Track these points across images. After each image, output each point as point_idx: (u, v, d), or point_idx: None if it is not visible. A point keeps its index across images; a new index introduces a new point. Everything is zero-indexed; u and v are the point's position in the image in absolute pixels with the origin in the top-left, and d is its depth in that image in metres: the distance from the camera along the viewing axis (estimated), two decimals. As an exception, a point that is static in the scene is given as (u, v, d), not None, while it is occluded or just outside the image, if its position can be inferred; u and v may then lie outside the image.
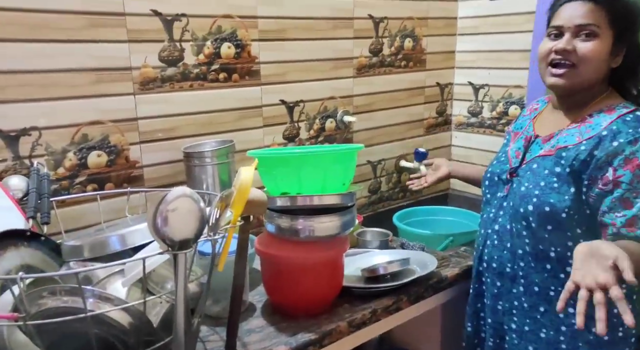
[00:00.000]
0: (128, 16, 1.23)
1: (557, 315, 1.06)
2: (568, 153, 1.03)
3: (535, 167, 1.08)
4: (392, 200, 1.99)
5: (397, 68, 1.87)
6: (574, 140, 1.03)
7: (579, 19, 1.01)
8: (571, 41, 1.02)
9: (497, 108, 1.96)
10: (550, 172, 1.04)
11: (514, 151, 1.17)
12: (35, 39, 1.12)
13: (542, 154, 1.08)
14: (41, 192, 1.06)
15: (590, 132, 1.02)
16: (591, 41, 1.01)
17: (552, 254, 1.06)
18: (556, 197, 1.02)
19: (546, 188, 1.03)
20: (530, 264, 1.09)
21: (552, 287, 1.07)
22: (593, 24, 1.01)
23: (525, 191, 1.07)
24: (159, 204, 0.72)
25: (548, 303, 1.08)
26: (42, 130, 1.16)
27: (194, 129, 1.40)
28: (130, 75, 1.26)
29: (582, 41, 1.01)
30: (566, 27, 1.03)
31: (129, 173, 1.31)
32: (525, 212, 1.06)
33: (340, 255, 1.13)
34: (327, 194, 1.06)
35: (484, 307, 1.22)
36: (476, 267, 1.23)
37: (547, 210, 1.02)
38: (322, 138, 1.71)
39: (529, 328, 1.11)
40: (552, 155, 1.06)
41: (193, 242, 0.75)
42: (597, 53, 1.01)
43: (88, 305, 0.74)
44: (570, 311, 1.05)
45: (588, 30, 1.01)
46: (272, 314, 1.12)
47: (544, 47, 1.07)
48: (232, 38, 1.42)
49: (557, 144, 1.06)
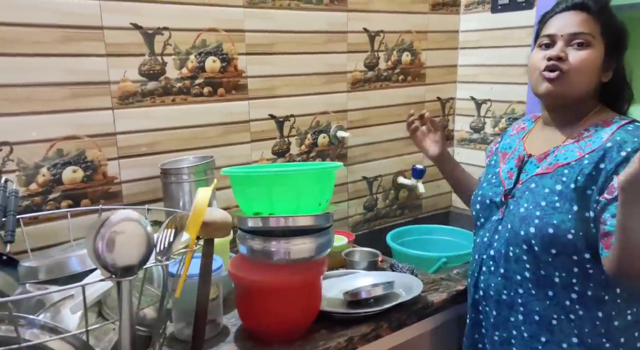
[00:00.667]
0: (106, 29, 1.21)
1: (560, 346, 1.00)
2: (571, 169, 0.98)
3: (534, 187, 1.03)
4: (389, 218, 1.92)
5: (395, 82, 1.82)
6: (574, 156, 0.99)
7: (573, 28, 0.99)
8: (564, 48, 1.00)
9: (500, 124, 1.89)
10: (551, 191, 0.99)
11: (506, 172, 1.12)
12: (7, 53, 1.10)
13: (540, 172, 1.03)
14: (7, 210, 1.03)
15: (591, 146, 0.98)
16: (584, 50, 0.99)
17: (556, 280, 0.99)
18: (559, 217, 0.96)
19: (548, 208, 0.98)
20: (531, 291, 1.02)
21: (555, 315, 1.00)
22: (587, 33, 0.98)
23: (525, 212, 1.01)
24: (100, 227, 0.68)
25: (550, 333, 1.01)
26: (13, 145, 1.14)
27: (177, 144, 1.37)
28: (108, 89, 1.24)
29: (575, 50, 0.99)
30: (559, 35, 1.01)
31: (107, 189, 1.28)
32: (527, 235, 1.00)
33: (316, 279, 1.08)
34: (301, 215, 1.01)
35: (482, 338, 1.16)
36: (472, 295, 1.16)
37: (551, 232, 0.97)
38: (314, 153, 1.66)
39: None
40: (551, 173, 1.01)
41: (138, 268, 0.71)
42: (589, 62, 0.99)
43: (27, 335, 0.70)
44: (573, 341, 0.99)
45: (581, 39, 0.99)
46: (245, 339, 1.07)
47: (536, 56, 1.04)
48: (217, 52, 1.39)
49: (556, 162, 1.01)
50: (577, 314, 0.99)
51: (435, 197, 2.05)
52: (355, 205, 1.82)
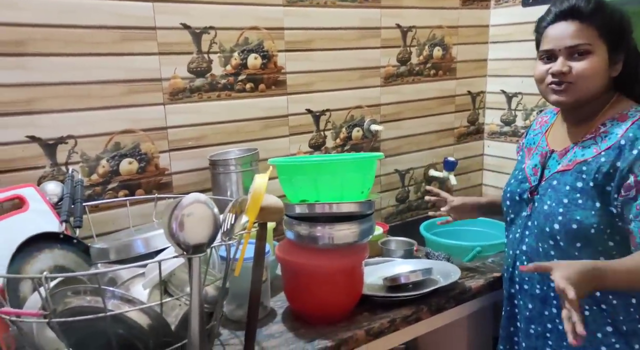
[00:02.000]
0: (159, 30, 1.29)
1: (595, 335, 1.02)
2: (588, 166, 1.00)
3: (556, 184, 1.05)
4: (421, 210, 1.97)
5: (426, 77, 1.86)
6: (591, 153, 1.01)
7: (569, 41, 1.00)
8: (565, 62, 1.01)
9: (531, 116, 1.91)
10: (572, 188, 1.02)
11: (531, 168, 1.14)
12: (71, 53, 1.19)
13: (561, 169, 1.05)
14: (75, 197, 1.12)
15: (607, 142, 1.00)
16: (586, 59, 0.99)
17: None
18: (582, 213, 0.99)
19: (570, 205, 1.01)
20: None
21: (587, 306, 1.02)
22: (584, 43, 0.99)
23: (549, 210, 1.04)
24: (173, 209, 0.75)
25: (584, 324, 1.02)
26: (77, 138, 1.23)
27: (221, 137, 1.44)
28: (160, 86, 1.32)
29: (577, 60, 1.00)
30: (557, 50, 1.01)
31: (159, 180, 1.36)
32: (552, 231, 1.03)
33: (358, 263, 1.13)
34: (345, 202, 1.07)
35: (517, 331, 1.18)
36: (507, 289, 1.19)
37: (575, 227, 1.00)
38: (349, 147, 1.72)
39: None
40: (571, 170, 1.03)
41: (207, 246, 0.78)
42: (594, 69, 0.99)
43: (109, 305, 0.78)
44: (608, 330, 1.01)
45: (580, 49, 0.99)
46: (292, 320, 1.13)
47: (539, 70, 1.06)
48: (258, 49, 1.46)
49: (575, 158, 1.04)
50: (610, 303, 1.01)
51: (466, 190, 2.09)
52: (387, 197, 1.87)
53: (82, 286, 0.83)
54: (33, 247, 0.98)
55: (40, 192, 1.10)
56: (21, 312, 0.81)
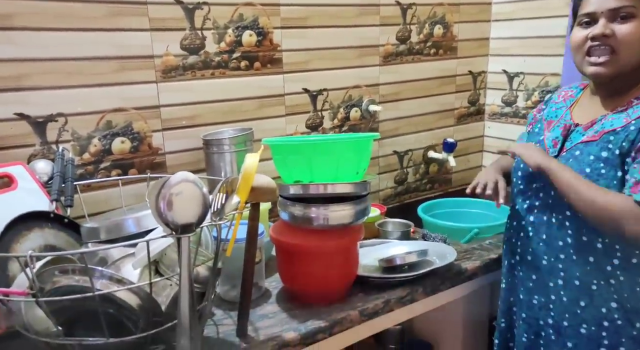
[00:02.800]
0: (150, 5, 1.26)
1: (600, 310, 1.02)
2: (617, 136, 0.98)
3: (579, 154, 1.03)
4: (420, 192, 1.95)
5: (426, 56, 1.82)
6: (621, 123, 0.98)
7: (613, 2, 0.96)
8: (608, 25, 0.97)
9: (533, 97, 1.88)
10: (597, 158, 0.99)
11: (551, 140, 1.11)
12: (60, 27, 1.16)
13: (585, 140, 1.03)
14: (65, 176, 1.10)
15: (638, 112, 0.97)
16: (630, 22, 0.95)
17: (598, 245, 1.00)
18: (604, 182, 0.97)
19: (593, 174, 0.99)
20: (572, 257, 1.04)
21: (595, 280, 1.02)
22: (629, 5, 0.95)
23: None
24: (161, 187, 0.73)
25: (590, 297, 1.03)
26: (68, 116, 1.20)
27: (216, 117, 1.42)
28: (152, 63, 1.29)
29: (620, 24, 0.96)
30: (599, 12, 0.97)
31: (152, 159, 1.34)
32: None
33: (353, 244, 1.12)
34: (340, 183, 1.05)
35: (516, 302, 1.18)
36: (508, 260, 1.19)
37: None
38: (347, 127, 1.69)
39: (568, 323, 1.06)
40: (597, 140, 1.01)
41: (196, 226, 0.76)
42: (637, 34, 0.95)
43: (97, 285, 0.77)
44: (612, 306, 1.01)
45: (625, 12, 0.95)
46: (287, 301, 1.13)
47: (578, 36, 1.01)
48: (253, 26, 1.42)
49: (603, 129, 1.01)
50: (618, 279, 1.00)
51: (465, 171, 2.07)
52: (386, 179, 1.85)
53: (70, 265, 0.82)
54: (22, 226, 0.97)
55: (29, 170, 1.08)
56: (8, 291, 0.80)
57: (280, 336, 0.99)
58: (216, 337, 1.00)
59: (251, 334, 0.99)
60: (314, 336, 1.01)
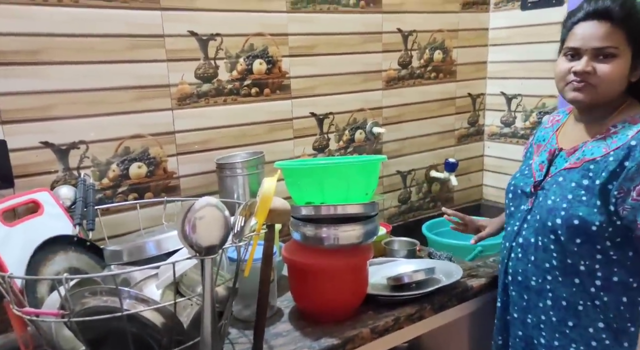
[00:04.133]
0: (167, 37, 1.32)
1: (587, 330, 1.05)
2: (597, 165, 1.02)
3: (562, 180, 1.08)
4: (423, 210, 2.00)
5: (427, 80, 1.89)
6: (600, 152, 1.03)
7: (597, 42, 1.00)
8: (590, 63, 1.01)
9: (531, 118, 1.94)
10: (578, 185, 1.04)
11: (538, 164, 1.16)
12: (83, 61, 1.22)
13: (568, 166, 1.08)
14: (87, 201, 1.15)
15: (617, 143, 1.01)
16: (610, 62, 1.00)
17: (581, 268, 1.04)
18: (585, 210, 1.01)
19: (574, 201, 1.03)
20: (558, 279, 1.08)
21: (581, 301, 1.06)
22: (612, 46, 0.99)
23: (553, 204, 1.06)
24: (187, 212, 0.78)
25: (577, 318, 1.06)
26: (89, 143, 1.26)
27: (228, 141, 1.47)
28: (168, 91, 1.35)
29: (601, 62, 1.01)
30: (583, 49, 1.02)
31: (167, 183, 1.39)
32: (554, 226, 1.05)
33: (363, 263, 1.17)
34: (350, 204, 1.10)
35: (513, 320, 1.21)
36: (502, 279, 1.23)
37: (576, 223, 1.02)
38: (352, 149, 1.75)
39: (558, 343, 1.10)
40: (578, 168, 1.05)
41: (219, 248, 0.81)
42: (617, 73, 1.00)
43: (125, 305, 0.81)
44: (599, 326, 1.04)
45: (607, 52, 1.00)
46: (299, 319, 1.16)
47: (562, 67, 1.06)
48: (263, 55, 1.49)
49: (583, 157, 1.06)
50: (602, 299, 1.04)
51: (466, 190, 2.12)
52: (390, 198, 1.90)
53: (99, 287, 0.86)
54: (48, 250, 1.01)
55: (54, 196, 1.13)
56: (41, 312, 0.84)
57: (295, 354, 1.02)
58: (233, 355, 1.04)
59: (267, 352, 1.03)
60: (327, 353, 1.05)
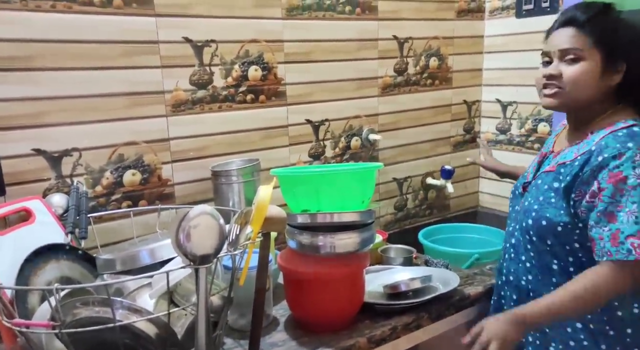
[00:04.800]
0: (161, 44, 1.32)
1: (565, 329, 1.07)
2: (565, 169, 1.06)
3: (540, 183, 1.12)
4: (419, 218, 1.99)
5: (423, 86, 1.89)
6: (571, 157, 1.06)
7: (563, 44, 1.05)
8: (557, 66, 1.05)
9: (526, 125, 1.94)
10: (549, 187, 1.08)
11: (532, 167, 1.21)
12: (76, 67, 1.21)
13: (547, 169, 1.12)
14: (80, 209, 1.14)
15: (584, 148, 1.04)
16: (576, 64, 1.04)
17: (554, 267, 1.07)
18: (553, 211, 1.05)
19: (544, 203, 1.07)
20: (538, 277, 1.11)
21: None
22: (576, 48, 1.03)
23: (527, 206, 1.11)
24: (181, 220, 0.77)
25: None
26: (82, 151, 1.25)
27: (223, 148, 1.46)
28: (162, 98, 1.34)
29: (567, 65, 1.04)
30: (552, 52, 1.07)
31: (161, 191, 1.38)
32: (527, 226, 1.10)
33: (360, 271, 1.15)
34: (346, 212, 1.09)
35: None
36: (496, 280, 1.25)
37: (544, 224, 1.06)
38: (348, 156, 1.74)
39: (539, 342, 1.12)
40: (553, 172, 1.09)
41: (213, 257, 0.80)
42: (582, 75, 1.03)
43: (117, 315, 0.80)
44: (577, 326, 1.06)
45: (572, 54, 1.04)
46: (295, 328, 1.15)
47: (538, 74, 1.11)
48: (259, 61, 1.49)
49: (558, 160, 1.09)
50: None
51: (462, 197, 2.11)
52: (386, 206, 1.89)
53: (91, 297, 0.85)
54: (40, 258, 0.99)
55: (46, 204, 1.12)
56: (31, 323, 0.82)
57: (291, 364, 1.01)
58: (228, 365, 1.02)
59: (262, 362, 1.01)
60: (323, 363, 1.03)
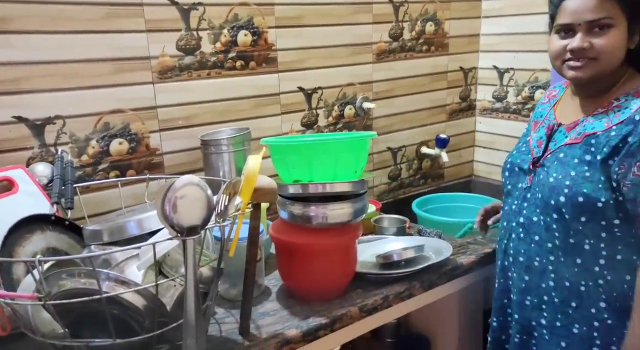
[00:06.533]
0: (146, 6, 1.26)
1: (589, 310, 1.03)
2: (598, 140, 0.99)
3: (563, 157, 1.04)
4: (413, 187, 1.98)
5: (419, 53, 1.84)
6: (602, 126, 1.00)
7: (589, 14, 0.96)
8: (585, 38, 0.97)
9: (523, 92, 1.91)
10: (580, 161, 1.00)
11: (536, 141, 1.13)
12: (57, 30, 1.15)
13: (569, 142, 1.04)
14: (65, 179, 1.10)
15: (619, 116, 0.98)
16: (607, 34, 0.96)
17: (586, 247, 1.02)
18: (589, 186, 0.98)
19: (578, 177, 1.00)
20: (560, 258, 1.05)
21: (583, 282, 1.03)
22: (606, 17, 0.96)
23: (555, 182, 1.03)
24: (166, 191, 0.74)
25: (579, 298, 1.04)
26: (66, 118, 1.21)
27: (212, 116, 1.42)
28: (149, 64, 1.29)
29: (597, 35, 0.97)
30: (576, 24, 0.98)
31: (150, 160, 1.35)
32: (557, 204, 1.02)
33: (352, 242, 1.14)
34: (338, 182, 1.07)
35: (510, 303, 1.19)
36: (501, 261, 1.19)
37: (581, 200, 0.99)
38: (341, 125, 1.71)
39: (560, 323, 1.07)
40: (579, 143, 1.02)
41: (201, 228, 0.78)
42: (616, 43, 0.97)
43: (104, 287, 0.78)
44: (601, 306, 1.02)
45: (602, 24, 0.96)
46: (287, 298, 1.15)
47: (556, 45, 1.02)
48: (248, 26, 1.43)
49: (584, 131, 1.02)
50: (606, 279, 1.01)
51: (457, 167, 2.10)
52: (380, 175, 1.87)
53: (77, 269, 0.83)
54: (24, 229, 0.97)
55: (29, 173, 1.09)
56: (15, 295, 0.81)
57: (283, 333, 1.01)
58: (219, 335, 1.02)
59: (254, 332, 1.01)
60: (315, 333, 1.03)
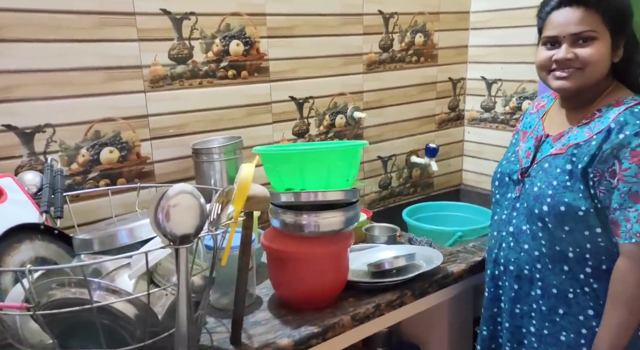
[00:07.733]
0: (138, 15, 1.26)
1: (577, 318, 1.05)
2: (580, 150, 1.01)
3: (547, 167, 1.06)
4: (403, 196, 1.99)
5: (408, 63, 1.86)
6: (584, 136, 1.02)
7: (574, 27, 1.00)
8: (570, 49, 1.01)
9: (511, 103, 1.94)
10: (562, 171, 1.03)
11: (524, 151, 1.15)
12: (48, 39, 1.15)
13: (553, 152, 1.07)
14: (55, 187, 1.09)
15: (599, 126, 1.01)
16: (591, 45, 1.00)
17: (570, 255, 1.03)
18: (570, 195, 1.00)
19: (559, 187, 1.02)
20: (547, 266, 1.07)
21: (571, 289, 1.05)
22: (589, 30, 0.99)
23: (539, 191, 1.05)
24: (159, 199, 0.74)
25: (567, 306, 1.06)
26: (56, 127, 1.20)
27: (204, 125, 1.42)
28: (140, 73, 1.29)
29: (582, 47, 1.00)
30: (561, 36, 1.01)
31: (140, 169, 1.34)
32: (541, 213, 1.04)
33: (344, 250, 1.15)
34: (330, 190, 1.08)
35: (500, 311, 1.20)
36: (491, 270, 1.20)
37: (563, 209, 1.01)
38: (332, 134, 1.72)
39: (548, 331, 1.09)
40: (563, 154, 1.04)
41: (194, 237, 0.78)
42: (599, 55, 1.00)
43: (95, 296, 0.78)
44: (589, 313, 1.04)
45: (585, 36, 1.00)
46: (278, 307, 1.14)
47: (543, 56, 1.05)
48: (240, 35, 1.44)
49: (568, 142, 1.05)
50: (592, 286, 1.03)
51: (446, 175, 2.11)
52: (371, 184, 1.88)
53: (67, 278, 0.82)
54: (13, 238, 0.95)
55: (18, 182, 1.07)
56: (4, 305, 0.80)
57: (275, 343, 1.00)
58: (210, 345, 1.01)
59: (245, 342, 1.01)
60: (307, 342, 1.03)
